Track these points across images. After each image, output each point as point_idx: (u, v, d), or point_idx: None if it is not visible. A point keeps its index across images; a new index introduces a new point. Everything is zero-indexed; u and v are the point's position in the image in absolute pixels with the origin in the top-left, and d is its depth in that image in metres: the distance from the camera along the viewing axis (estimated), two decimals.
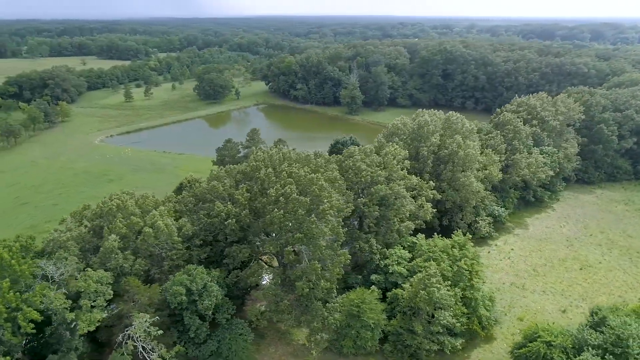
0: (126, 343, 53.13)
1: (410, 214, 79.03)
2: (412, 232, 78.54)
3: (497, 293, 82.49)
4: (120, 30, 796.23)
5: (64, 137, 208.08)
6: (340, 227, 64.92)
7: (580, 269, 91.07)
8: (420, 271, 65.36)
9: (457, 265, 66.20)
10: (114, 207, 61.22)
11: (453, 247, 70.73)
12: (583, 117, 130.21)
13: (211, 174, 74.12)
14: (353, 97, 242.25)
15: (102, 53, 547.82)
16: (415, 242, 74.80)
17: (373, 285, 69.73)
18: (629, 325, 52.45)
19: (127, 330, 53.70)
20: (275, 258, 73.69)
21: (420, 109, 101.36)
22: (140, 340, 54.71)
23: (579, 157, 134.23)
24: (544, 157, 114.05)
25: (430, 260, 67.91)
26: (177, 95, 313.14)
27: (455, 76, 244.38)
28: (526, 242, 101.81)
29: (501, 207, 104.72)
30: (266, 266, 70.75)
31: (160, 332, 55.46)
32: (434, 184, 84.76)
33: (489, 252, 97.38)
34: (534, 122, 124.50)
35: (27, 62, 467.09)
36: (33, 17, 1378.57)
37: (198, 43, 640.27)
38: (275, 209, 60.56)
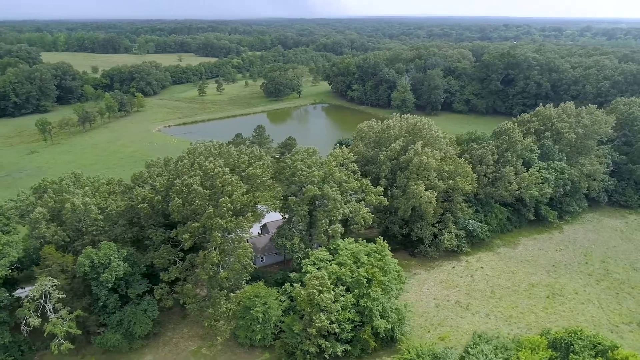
0: (29, 301, 61.26)
1: (346, 217, 78.53)
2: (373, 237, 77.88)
3: (433, 309, 78.88)
4: (222, 30, 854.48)
5: (130, 125, 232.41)
6: (245, 221, 67.30)
7: (547, 297, 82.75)
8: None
9: (358, 272, 65.02)
10: (48, 183, 70.48)
11: (369, 253, 69.34)
12: (611, 131, 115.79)
13: (146, 163, 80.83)
14: (404, 99, 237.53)
15: (199, 50, 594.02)
16: (340, 245, 74.28)
17: (287, 283, 71.07)
18: (485, 356, 48.42)
19: (29, 290, 61.91)
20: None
21: (417, 115, 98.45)
22: (50, 301, 62.69)
23: (611, 176, 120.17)
24: (546, 173, 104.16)
25: (338, 264, 67.53)
26: (247, 92, 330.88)
27: (517, 82, 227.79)
28: (503, 262, 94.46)
29: (482, 222, 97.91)
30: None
31: (63, 295, 62.83)
32: (382, 189, 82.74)
33: (453, 267, 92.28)
34: (547, 133, 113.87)
35: (134, 57, 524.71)
36: (158, 17, 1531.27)
37: (288, 43, 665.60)
38: (176, 198, 64.99)
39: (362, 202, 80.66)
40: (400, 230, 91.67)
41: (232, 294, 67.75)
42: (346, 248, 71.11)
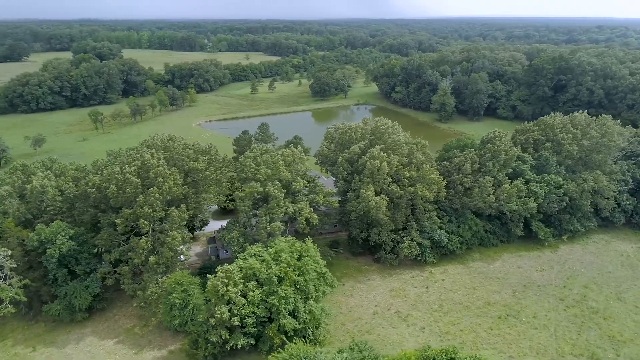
0: None
1: (289, 216, 79.74)
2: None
3: (370, 316, 77.56)
4: (296, 30, 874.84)
5: (176, 119, 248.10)
6: (176, 212, 71.17)
7: (499, 317, 77.68)
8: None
9: (270, 270, 66.14)
10: (19, 165, 79.50)
11: (292, 252, 70.10)
12: (623, 145, 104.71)
13: (107, 153, 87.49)
14: (443, 103, 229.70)
15: (268, 49, 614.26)
16: (275, 243, 75.59)
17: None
18: None
19: None
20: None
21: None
22: (3, 270, 71.16)
23: (632, 195, 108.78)
24: (537, 186, 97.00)
25: (262, 261, 69.13)
26: (298, 91, 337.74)
27: (569, 89, 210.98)
28: (470, 277, 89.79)
29: (453, 233, 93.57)
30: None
31: (14, 265, 70.82)
32: (334, 191, 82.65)
33: (412, 277, 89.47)
34: (547, 144, 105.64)
35: (205, 55, 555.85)
36: (243, 17, 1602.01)
37: (357, 43, 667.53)
38: (112, 185, 70.42)
39: (306, 202, 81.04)
40: (360, 234, 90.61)
41: (160, 279, 71.92)
42: (275, 246, 72.29)
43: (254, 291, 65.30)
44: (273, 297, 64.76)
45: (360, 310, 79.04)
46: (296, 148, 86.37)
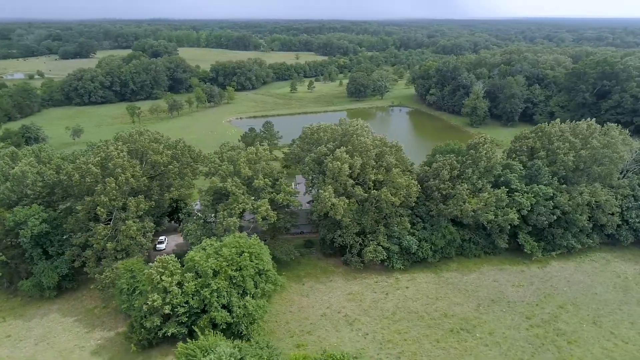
0: None
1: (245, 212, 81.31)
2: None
3: (316, 317, 77.34)
4: (352, 30, 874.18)
5: (210, 115, 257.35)
6: (132, 201, 74.96)
7: (451, 330, 74.62)
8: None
9: (208, 263, 67.98)
10: (9, 153, 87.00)
11: (235, 247, 71.53)
12: (628, 157, 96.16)
13: (87, 144, 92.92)
14: (475, 107, 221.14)
15: (320, 49, 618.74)
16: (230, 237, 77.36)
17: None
18: None
19: None
20: None
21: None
22: None
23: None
24: (522, 197, 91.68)
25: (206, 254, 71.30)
26: (336, 91, 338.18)
27: (612, 95, 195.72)
28: (437, 287, 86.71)
29: (425, 240, 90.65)
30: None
31: None
32: (294, 189, 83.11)
33: (375, 282, 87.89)
34: (541, 153, 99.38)
35: (258, 54, 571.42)
36: (304, 17, 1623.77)
37: (411, 44, 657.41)
38: (76, 174, 75.42)
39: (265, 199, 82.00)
40: (327, 234, 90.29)
41: (114, 265, 76.06)
42: (223, 241, 74.09)
43: (189, 282, 67.45)
44: (206, 289, 66.59)
45: (309, 311, 78.97)
46: (264, 146, 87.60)
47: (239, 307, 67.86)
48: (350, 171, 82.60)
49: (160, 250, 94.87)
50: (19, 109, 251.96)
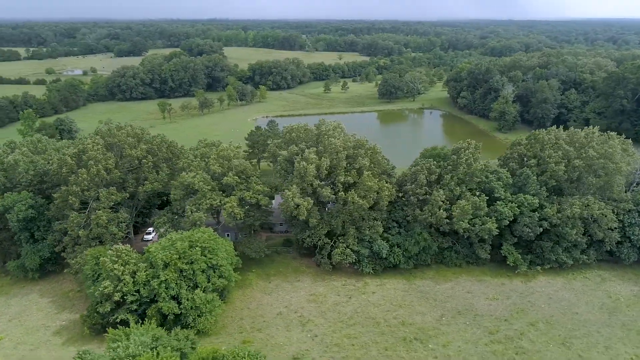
0: None
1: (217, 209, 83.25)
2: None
3: (272, 316, 77.91)
4: (402, 31, 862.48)
5: (239, 113, 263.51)
6: (104, 192, 78.99)
7: (404, 339, 72.69)
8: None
9: (160, 255, 70.38)
10: (7, 142, 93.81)
11: (191, 241, 73.51)
12: (626, 169, 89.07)
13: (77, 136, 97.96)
14: (503, 111, 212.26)
15: (364, 50, 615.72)
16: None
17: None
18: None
19: None
20: None
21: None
22: None
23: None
24: (504, 207, 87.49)
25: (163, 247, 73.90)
26: (370, 92, 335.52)
27: None
28: (404, 294, 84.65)
29: (398, 245, 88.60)
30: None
31: None
32: (266, 188, 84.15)
33: (343, 285, 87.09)
34: (532, 161, 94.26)
35: (302, 54, 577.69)
36: (358, 17, 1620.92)
37: (460, 45, 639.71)
38: (55, 165, 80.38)
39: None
40: (299, 234, 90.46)
41: (84, 252, 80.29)
42: (185, 234, 76.33)
43: (141, 272, 70.13)
44: (155, 280, 69.01)
45: (267, 309, 79.61)
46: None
47: (188, 300, 69.73)
48: (318, 172, 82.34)
49: (148, 240, 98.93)
50: (65, 102, 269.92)
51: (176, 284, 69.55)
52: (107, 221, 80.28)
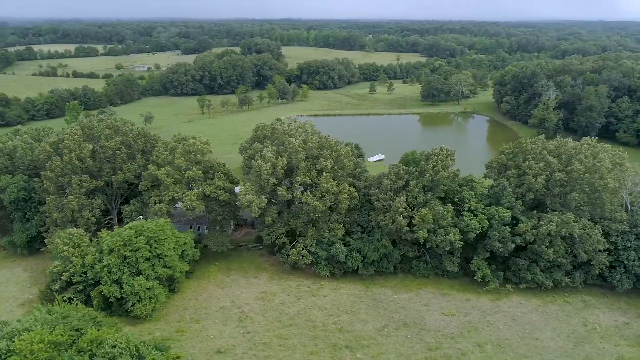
0: None
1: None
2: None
3: (214, 310, 79.65)
4: (471, 32, 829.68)
5: (277, 111, 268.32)
6: (76, 179, 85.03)
7: (334, 346, 71.17)
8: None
9: (106, 240, 74.65)
10: (12, 130, 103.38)
11: (138, 230, 77.15)
12: (614, 185, 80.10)
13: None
14: (543, 118, 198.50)
15: (425, 51, 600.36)
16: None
17: None
18: None
19: None
20: None
21: (290, 117, 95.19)
22: None
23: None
24: (471, 218, 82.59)
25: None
26: (416, 94, 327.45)
27: None
28: (354, 301, 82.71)
29: (357, 250, 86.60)
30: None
31: None
32: (222, 183, 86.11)
33: (297, 285, 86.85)
34: (511, 171, 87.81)
35: (360, 54, 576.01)
36: (435, 18, 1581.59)
37: (530, 47, 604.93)
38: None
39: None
40: (261, 232, 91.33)
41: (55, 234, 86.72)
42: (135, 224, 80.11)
43: (89, 256, 74.80)
44: (99, 264, 73.32)
45: (213, 302, 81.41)
46: None
47: (129, 285, 73.29)
48: (274, 171, 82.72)
49: None
50: (121, 96, 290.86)
51: (119, 269, 73.29)
52: (80, 206, 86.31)
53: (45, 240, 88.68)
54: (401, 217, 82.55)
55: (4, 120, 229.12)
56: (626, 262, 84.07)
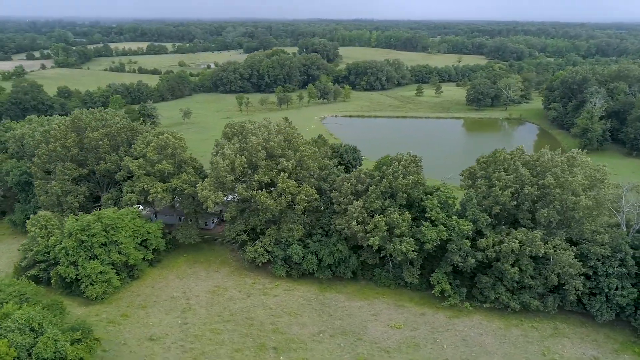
0: None
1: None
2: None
3: (165, 299, 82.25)
4: (549, 33, 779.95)
5: (314, 111, 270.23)
6: (60, 166, 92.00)
7: (261, 346, 71.00)
8: None
9: (67, 225, 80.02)
10: (25, 121, 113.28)
11: (100, 217, 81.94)
12: (586, 202, 71.90)
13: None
14: (586, 128, 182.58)
15: (491, 53, 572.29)
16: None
17: None
18: None
19: None
20: None
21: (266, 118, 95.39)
22: None
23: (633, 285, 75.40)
24: (428, 229, 78.50)
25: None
26: (462, 98, 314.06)
27: None
28: (301, 303, 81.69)
29: (315, 254, 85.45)
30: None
31: None
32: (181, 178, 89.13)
33: (253, 282, 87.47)
34: (480, 181, 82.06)
35: (421, 55, 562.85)
36: (530, 19, 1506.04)
37: (609, 51, 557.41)
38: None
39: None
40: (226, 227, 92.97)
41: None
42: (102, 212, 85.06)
43: (52, 238, 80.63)
44: (58, 246, 78.81)
45: (166, 291, 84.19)
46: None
47: (83, 268, 78.11)
48: (233, 168, 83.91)
49: None
50: (172, 91, 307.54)
51: (76, 252, 78.29)
52: (64, 192, 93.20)
53: (27, 221, 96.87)
54: (355, 222, 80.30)
55: (64, 110, 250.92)
56: (607, 290, 75.68)
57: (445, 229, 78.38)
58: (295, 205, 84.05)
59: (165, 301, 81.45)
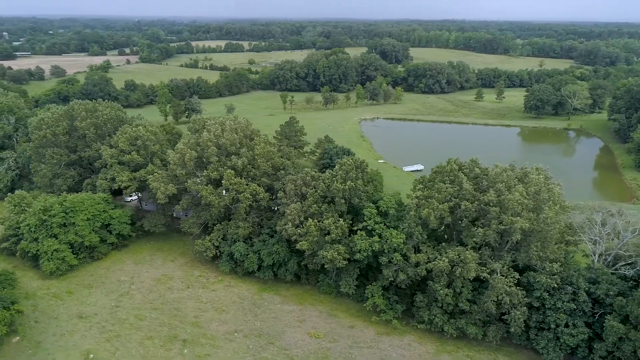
0: None
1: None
2: None
3: (115, 283, 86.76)
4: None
5: (357, 112, 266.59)
6: (49, 151, 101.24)
7: (173, 337, 72.62)
8: None
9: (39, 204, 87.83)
10: (45, 108, 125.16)
11: (60, 198, 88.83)
12: (525, 225, 63.47)
13: None
14: None
15: (581, 57, 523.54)
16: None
17: None
18: None
19: None
20: None
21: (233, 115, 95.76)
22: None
23: (588, 325, 66.94)
24: (363, 239, 74.81)
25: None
26: (522, 104, 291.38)
27: None
28: (233, 301, 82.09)
29: (257, 253, 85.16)
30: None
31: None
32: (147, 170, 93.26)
33: (199, 275, 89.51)
34: (418, 194, 75.96)
35: (502, 58, 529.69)
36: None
37: None
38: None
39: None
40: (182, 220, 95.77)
41: None
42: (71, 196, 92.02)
43: (22, 215, 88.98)
44: (23, 222, 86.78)
45: (115, 274, 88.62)
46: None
47: (42, 245, 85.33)
48: (182, 162, 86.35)
49: (127, 202, 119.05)
50: (229, 88, 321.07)
51: (37, 229, 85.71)
52: (54, 175, 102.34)
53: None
54: (290, 225, 78.77)
55: (128, 102, 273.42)
56: (554, 326, 66.88)
57: (379, 239, 74.14)
58: (235, 202, 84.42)
59: (111, 283, 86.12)
